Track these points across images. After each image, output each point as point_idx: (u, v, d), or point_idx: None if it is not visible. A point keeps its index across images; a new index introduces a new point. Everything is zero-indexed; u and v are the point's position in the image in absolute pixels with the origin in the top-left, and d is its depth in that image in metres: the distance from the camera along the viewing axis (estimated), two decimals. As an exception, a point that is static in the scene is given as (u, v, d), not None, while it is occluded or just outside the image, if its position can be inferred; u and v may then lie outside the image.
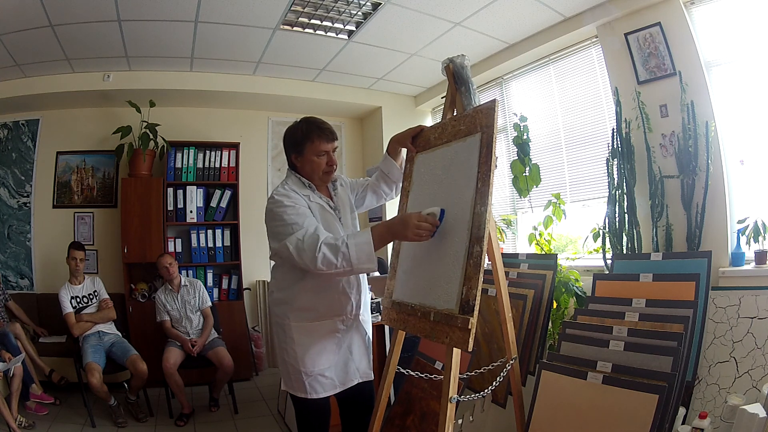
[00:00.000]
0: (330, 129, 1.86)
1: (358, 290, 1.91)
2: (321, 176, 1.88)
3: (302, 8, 3.24)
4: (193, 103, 4.66)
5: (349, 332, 1.92)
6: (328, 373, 1.87)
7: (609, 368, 1.87)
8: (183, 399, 3.39)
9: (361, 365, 1.97)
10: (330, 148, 1.86)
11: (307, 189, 1.88)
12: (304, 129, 1.85)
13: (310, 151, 1.84)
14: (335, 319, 1.86)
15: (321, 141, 1.83)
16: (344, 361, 1.92)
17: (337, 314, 1.86)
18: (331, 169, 1.88)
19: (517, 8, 3.19)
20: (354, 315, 1.90)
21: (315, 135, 1.83)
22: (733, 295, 2.36)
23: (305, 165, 1.87)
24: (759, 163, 2.58)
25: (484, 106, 1.77)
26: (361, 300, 1.94)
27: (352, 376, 1.95)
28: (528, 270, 2.60)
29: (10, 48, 3.46)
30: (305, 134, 1.84)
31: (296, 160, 1.88)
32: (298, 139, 1.86)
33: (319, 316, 1.85)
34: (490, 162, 1.65)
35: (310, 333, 1.84)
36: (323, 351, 1.85)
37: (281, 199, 1.78)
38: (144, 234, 4.18)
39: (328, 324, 1.86)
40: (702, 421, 1.95)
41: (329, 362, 1.87)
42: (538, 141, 3.57)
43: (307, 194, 1.86)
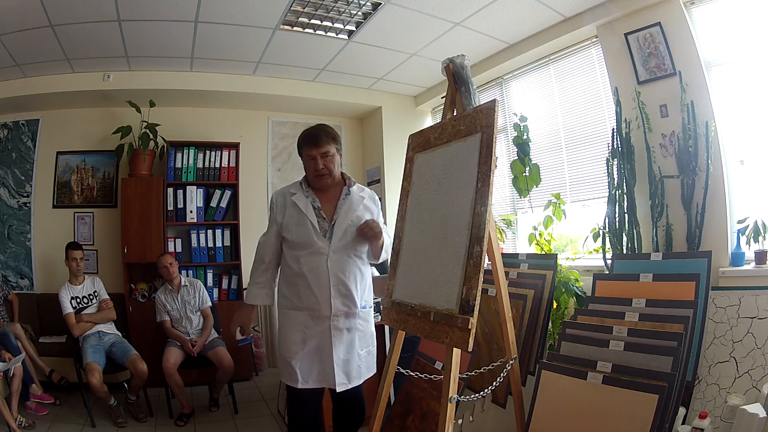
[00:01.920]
0: (316, 135, 2.00)
1: (326, 291, 1.97)
2: (313, 180, 2.06)
3: (302, 8, 3.24)
4: (193, 103, 4.66)
5: (317, 330, 1.97)
6: (294, 363, 1.98)
7: (609, 368, 1.87)
8: (183, 399, 3.38)
9: (328, 372, 1.98)
10: (315, 153, 2.00)
11: (298, 187, 2.09)
12: (302, 135, 2.06)
13: (304, 156, 2.05)
14: (305, 312, 1.98)
15: (307, 147, 2.02)
16: (310, 360, 1.99)
17: (307, 307, 1.98)
18: (318, 173, 2.02)
19: (517, 8, 3.19)
20: (324, 315, 1.96)
21: (305, 142, 2.03)
22: (733, 295, 2.36)
23: (304, 167, 2.09)
24: (759, 163, 2.58)
25: (484, 106, 1.77)
26: (332, 302, 1.97)
27: (319, 379, 1.99)
28: (528, 270, 2.60)
29: (10, 48, 3.46)
30: (301, 140, 2.07)
31: (302, 160, 2.10)
32: (298, 143, 2.08)
33: (293, 305, 2.01)
34: (490, 162, 1.65)
35: (286, 319, 2.04)
36: (292, 341, 2.00)
37: (271, 200, 2.14)
38: (144, 234, 4.18)
39: (300, 316, 1.99)
40: (702, 421, 1.96)
41: (295, 353, 1.98)
42: (538, 141, 3.57)
43: (294, 192, 2.07)
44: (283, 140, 5.00)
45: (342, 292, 1.98)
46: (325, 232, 2.00)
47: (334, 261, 1.96)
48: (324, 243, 1.97)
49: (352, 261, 2.02)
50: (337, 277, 1.97)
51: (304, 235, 1.99)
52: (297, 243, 2.00)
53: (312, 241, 1.97)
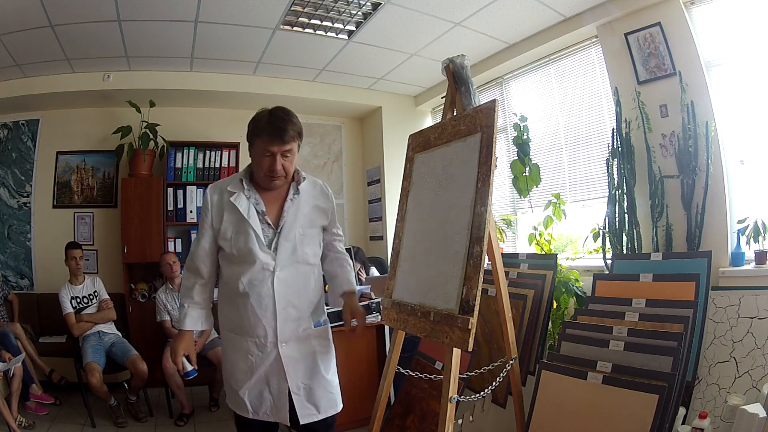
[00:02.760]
0: (282, 128, 1.59)
1: (272, 316, 1.65)
2: (263, 179, 1.68)
3: (302, 8, 3.24)
4: (193, 103, 4.66)
5: (266, 360, 1.67)
6: (242, 393, 1.70)
7: (609, 368, 1.87)
8: (183, 399, 3.39)
9: (281, 405, 1.69)
10: (277, 150, 1.61)
11: (238, 185, 1.71)
12: (259, 121, 1.64)
13: (258, 147, 1.64)
14: (247, 338, 1.68)
15: (269, 139, 1.60)
16: (259, 389, 1.71)
17: (249, 334, 1.68)
18: (272, 175, 1.64)
19: (517, 8, 3.19)
20: (270, 343, 1.66)
21: (265, 131, 1.60)
22: (733, 295, 2.36)
23: (254, 161, 1.69)
24: (759, 163, 2.58)
25: (484, 106, 1.77)
26: (279, 329, 1.66)
27: (268, 411, 1.71)
28: (528, 270, 2.60)
29: (10, 48, 3.46)
30: (257, 128, 1.64)
31: (250, 153, 1.70)
32: (251, 131, 1.67)
33: (234, 328, 1.72)
34: (490, 162, 1.65)
35: (229, 342, 1.75)
36: (237, 368, 1.71)
37: (205, 197, 1.76)
38: (144, 234, 4.18)
39: (243, 341, 1.69)
40: (702, 421, 1.96)
41: (243, 383, 1.70)
42: (538, 141, 3.57)
43: (233, 191, 1.70)
44: (283, 140, 4.99)
45: (292, 316, 1.68)
46: (270, 242, 1.66)
47: (281, 280, 1.65)
48: (268, 257, 1.64)
49: (302, 275, 1.71)
50: (286, 299, 1.66)
51: (245, 247, 1.64)
52: (236, 256, 1.66)
53: (254, 256, 1.63)
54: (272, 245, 1.66)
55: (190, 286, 1.75)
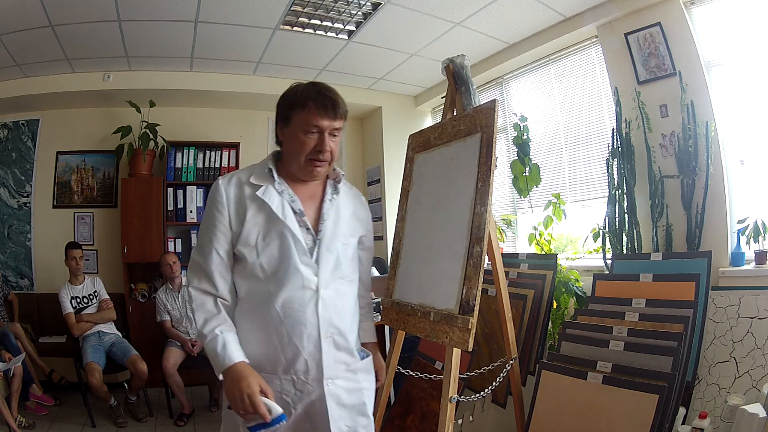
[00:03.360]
0: (334, 100, 1.32)
1: (316, 345, 1.29)
2: (302, 165, 1.32)
3: (302, 8, 3.24)
4: (193, 103, 4.66)
5: (305, 399, 1.31)
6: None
7: (609, 368, 1.88)
8: (183, 399, 3.39)
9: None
10: (326, 127, 1.30)
11: (265, 176, 1.34)
12: (301, 91, 1.32)
13: (298, 122, 1.30)
14: (281, 377, 1.30)
15: (317, 111, 1.29)
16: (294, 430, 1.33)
17: (284, 371, 1.29)
18: (318, 157, 1.31)
19: (517, 8, 3.19)
20: (313, 380, 1.30)
21: (311, 101, 1.29)
22: (733, 295, 2.36)
23: (288, 142, 1.34)
24: (759, 163, 2.58)
25: (484, 106, 1.77)
26: (326, 362, 1.30)
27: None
28: (528, 270, 2.61)
29: (10, 48, 3.46)
30: (298, 98, 1.31)
31: (281, 132, 1.37)
32: (288, 103, 1.33)
33: (258, 364, 1.27)
34: (490, 162, 1.65)
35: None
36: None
37: (212, 191, 1.33)
38: (144, 234, 4.18)
39: (273, 381, 1.28)
40: (702, 421, 1.96)
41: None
42: (538, 141, 3.57)
43: (259, 183, 1.33)
44: (283, 140, 4.99)
45: (338, 344, 1.33)
46: (310, 251, 1.31)
47: (326, 301, 1.30)
48: (310, 271, 1.29)
49: (345, 295, 1.38)
50: (332, 325, 1.31)
51: (280, 256, 1.28)
52: (265, 269, 1.29)
53: (294, 268, 1.28)
54: (314, 256, 1.31)
55: (210, 307, 1.29)
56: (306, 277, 1.29)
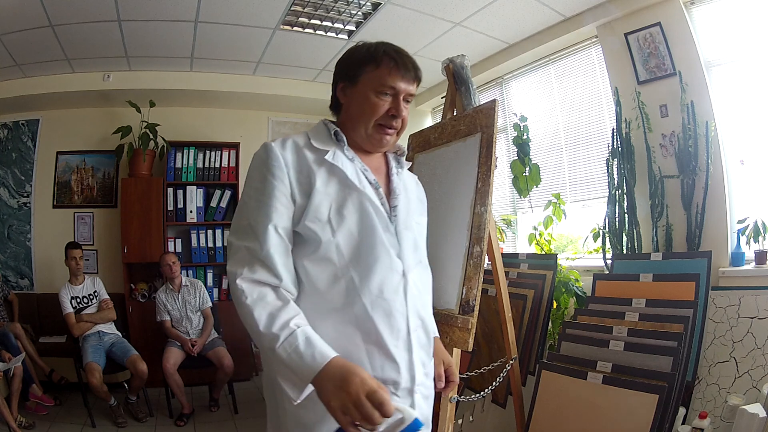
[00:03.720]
0: (413, 61, 1.12)
1: (406, 345, 1.05)
2: (370, 132, 1.10)
3: (302, 8, 3.24)
4: (193, 103, 4.66)
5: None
6: None
7: (609, 368, 1.88)
8: (183, 399, 3.39)
9: None
10: (402, 89, 1.09)
11: (328, 139, 1.11)
12: (374, 47, 1.11)
13: (369, 81, 1.08)
14: None
15: (394, 69, 1.08)
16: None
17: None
18: (390, 123, 1.10)
19: (517, 8, 3.19)
20: (403, 389, 1.05)
21: (385, 59, 1.08)
22: (733, 295, 2.36)
23: (353, 104, 1.11)
24: (759, 163, 2.58)
25: (484, 106, 1.77)
26: (416, 366, 1.06)
27: None
28: (528, 270, 2.61)
29: (10, 48, 3.46)
30: (370, 54, 1.10)
31: (343, 93, 1.13)
32: (357, 59, 1.11)
33: None
34: (490, 162, 1.66)
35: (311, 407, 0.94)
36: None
37: (263, 156, 1.05)
38: (144, 234, 4.18)
39: None
40: (702, 421, 1.96)
41: None
42: (538, 141, 3.57)
43: (323, 147, 1.08)
44: (283, 140, 5.00)
45: (421, 342, 1.10)
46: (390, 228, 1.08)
47: (413, 287, 1.08)
48: (394, 250, 1.06)
49: (427, 279, 1.18)
50: (418, 314, 1.09)
51: (363, 235, 1.04)
52: (345, 252, 1.02)
53: (382, 247, 1.05)
54: (394, 233, 1.08)
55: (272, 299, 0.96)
56: (394, 258, 1.05)
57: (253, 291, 0.96)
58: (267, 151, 1.05)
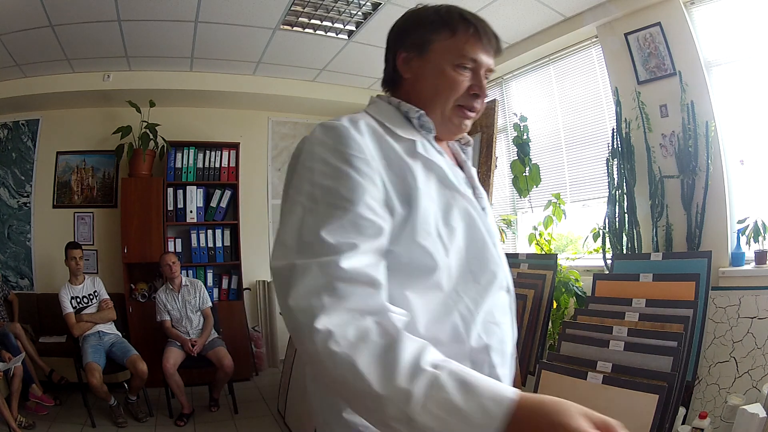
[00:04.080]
0: (494, 32, 0.88)
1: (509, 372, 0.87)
2: (448, 114, 0.87)
3: (302, 8, 3.24)
4: (193, 103, 4.66)
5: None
6: None
7: (609, 368, 1.88)
8: (183, 399, 3.38)
9: None
10: (483, 63, 0.86)
11: (412, 128, 0.85)
12: (446, 11, 0.87)
13: (445, 51, 0.85)
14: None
15: (472, 39, 0.84)
16: None
17: None
18: (473, 103, 0.87)
19: (517, 8, 3.19)
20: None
21: (462, 25, 0.85)
22: (733, 295, 2.36)
23: (424, 79, 0.87)
24: (759, 163, 2.58)
25: (484, 106, 1.77)
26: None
27: None
28: (528, 270, 2.61)
29: (10, 48, 3.46)
30: (443, 18, 0.86)
31: (407, 65, 0.89)
32: (426, 23, 0.87)
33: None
34: (490, 162, 1.65)
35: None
36: None
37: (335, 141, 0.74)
38: (144, 234, 4.18)
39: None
40: (702, 421, 1.96)
41: None
42: (538, 141, 3.57)
43: (408, 137, 0.82)
44: (283, 140, 5.00)
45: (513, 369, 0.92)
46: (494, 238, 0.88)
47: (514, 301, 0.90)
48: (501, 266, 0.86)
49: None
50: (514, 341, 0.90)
51: (473, 251, 0.82)
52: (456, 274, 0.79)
53: (493, 263, 0.84)
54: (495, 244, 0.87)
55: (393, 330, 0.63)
56: (502, 272, 0.85)
57: (347, 330, 0.62)
58: (342, 134, 0.75)
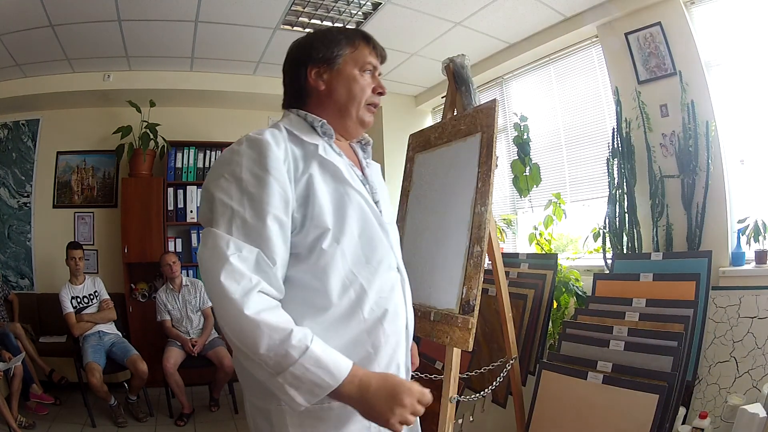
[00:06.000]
0: (381, 46, 1.13)
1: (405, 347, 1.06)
2: (361, 114, 1.07)
3: (302, 8, 3.24)
4: (193, 103, 4.66)
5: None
6: None
7: (609, 368, 1.88)
8: (183, 399, 3.39)
9: None
10: (378, 66, 1.11)
11: (315, 134, 1.02)
12: (344, 31, 1.09)
13: (353, 61, 1.06)
14: None
15: (370, 50, 1.08)
16: None
17: None
18: (376, 101, 1.10)
19: (517, 8, 3.19)
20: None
21: (359, 38, 1.08)
22: (734, 294, 2.36)
23: (338, 87, 1.05)
24: (759, 163, 2.58)
25: (484, 105, 1.77)
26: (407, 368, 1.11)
27: None
28: (528, 270, 2.60)
29: (10, 48, 3.46)
30: (346, 36, 1.07)
31: (319, 78, 1.05)
32: (330, 40, 1.05)
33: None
34: (491, 162, 1.65)
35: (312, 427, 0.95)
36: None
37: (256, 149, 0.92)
38: (144, 234, 4.18)
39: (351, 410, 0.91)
40: (702, 421, 1.96)
41: None
42: (538, 141, 3.57)
43: (312, 141, 1.00)
44: (283, 140, 5.00)
45: (409, 340, 1.12)
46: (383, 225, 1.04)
47: (406, 279, 1.09)
48: (391, 250, 1.05)
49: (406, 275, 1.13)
50: (410, 313, 1.09)
51: (364, 236, 0.99)
52: (350, 257, 0.96)
53: (382, 244, 1.02)
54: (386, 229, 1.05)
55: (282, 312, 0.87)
56: (391, 255, 1.02)
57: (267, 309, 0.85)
58: (262, 144, 0.92)
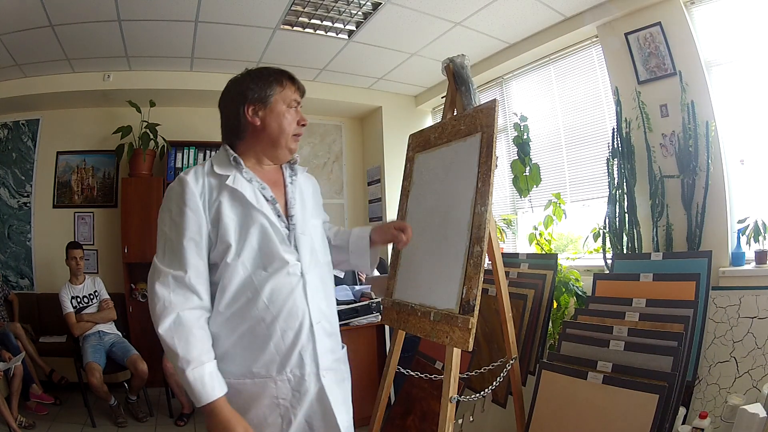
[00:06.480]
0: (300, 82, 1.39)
1: (309, 335, 1.26)
2: (289, 143, 1.33)
3: (302, 8, 3.24)
4: (193, 103, 4.66)
5: (303, 402, 1.25)
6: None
7: (609, 368, 1.87)
8: (183, 399, 3.39)
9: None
10: (300, 101, 1.37)
11: (228, 165, 1.28)
12: (268, 72, 1.33)
13: (282, 99, 1.31)
14: (275, 378, 1.23)
15: (294, 86, 1.35)
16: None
17: (277, 371, 1.23)
18: (301, 131, 1.35)
19: (518, 8, 3.19)
20: (310, 375, 1.25)
21: (286, 78, 1.34)
22: (734, 294, 2.36)
23: (271, 122, 1.30)
24: (759, 163, 2.58)
25: (484, 105, 1.77)
26: (320, 353, 1.27)
27: None
28: (528, 270, 2.60)
29: (10, 48, 3.46)
30: (272, 77, 1.32)
31: (254, 115, 1.30)
32: (264, 83, 1.30)
33: (248, 371, 1.23)
34: (491, 162, 1.65)
35: (240, 396, 1.24)
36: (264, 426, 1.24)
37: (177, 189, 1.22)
38: (144, 234, 4.18)
39: (266, 386, 1.23)
40: (702, 421, 1.96)
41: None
42: (538, 141, 3.57)
43: (224, 173, 1.26)
44: (283, 140, 5.00)
45: (327, 331, 1.31)
46: (288, 237, 1.28)
47: (312, 285, 1.28)
48: (293, 256, 1.26)
49: (326, 278, 1.37)
50: (320, 309, 1.29)
51: (263, 248, 1.24)
52: (246, 263, 1.23)
53: (278, 256, 1.25)
54: (292, 242, 1.28)
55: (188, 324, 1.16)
56: (291, 263, 1.25)
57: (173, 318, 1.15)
58: (182, 184, 1.21)
